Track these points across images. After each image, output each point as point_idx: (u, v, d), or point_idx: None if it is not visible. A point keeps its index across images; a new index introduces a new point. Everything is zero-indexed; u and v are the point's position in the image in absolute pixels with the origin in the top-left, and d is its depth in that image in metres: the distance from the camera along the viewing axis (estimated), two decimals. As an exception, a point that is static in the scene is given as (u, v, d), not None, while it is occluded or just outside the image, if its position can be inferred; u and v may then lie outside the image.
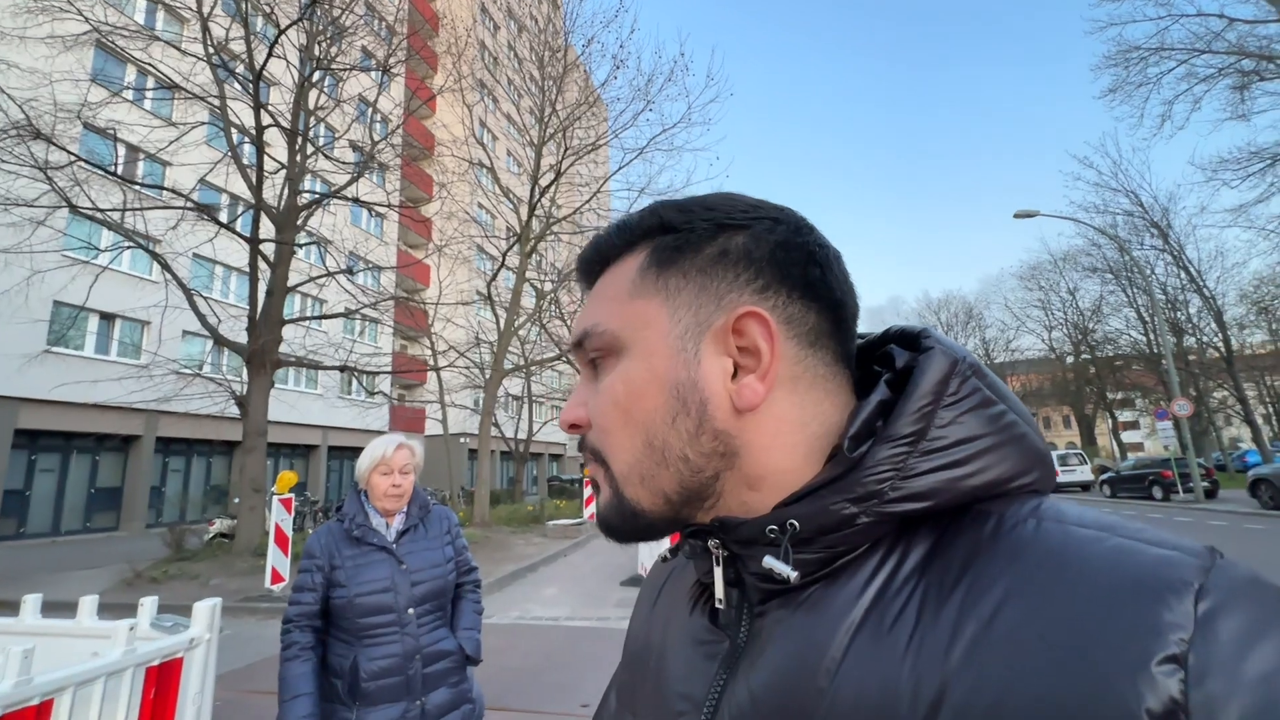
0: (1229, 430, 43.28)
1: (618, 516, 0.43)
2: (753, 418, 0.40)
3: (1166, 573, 0.29)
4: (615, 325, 0.43)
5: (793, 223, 0.43)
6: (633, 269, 0.44)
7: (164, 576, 8.38)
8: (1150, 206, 25.97)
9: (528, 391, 22.69)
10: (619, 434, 0.42)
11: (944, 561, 0.35)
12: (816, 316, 0.41)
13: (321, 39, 11.16)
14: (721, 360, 0.40)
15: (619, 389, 0.42)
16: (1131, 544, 0.31)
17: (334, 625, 1.83)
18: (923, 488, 0.36)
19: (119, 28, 10.25)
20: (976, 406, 0.38)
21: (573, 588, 8.19)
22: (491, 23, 34.17)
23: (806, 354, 0.41)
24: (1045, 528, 0.33)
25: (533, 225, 15.60)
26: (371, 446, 1.93)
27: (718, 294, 0.41)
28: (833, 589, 0.37)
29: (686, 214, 0.44)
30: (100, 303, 15.12)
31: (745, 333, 0.40)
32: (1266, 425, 31.84)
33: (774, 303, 0.41)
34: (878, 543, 0.37)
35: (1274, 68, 16.38)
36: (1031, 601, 0.30)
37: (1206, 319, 26.69)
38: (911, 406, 0.37)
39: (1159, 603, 0.28)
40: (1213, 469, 19.83)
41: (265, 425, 10.30)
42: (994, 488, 0.37)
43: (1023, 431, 0.39)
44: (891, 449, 0.36)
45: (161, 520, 17.40)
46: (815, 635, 0.36)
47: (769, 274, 0.41)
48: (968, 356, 0.40)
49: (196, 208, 10.10)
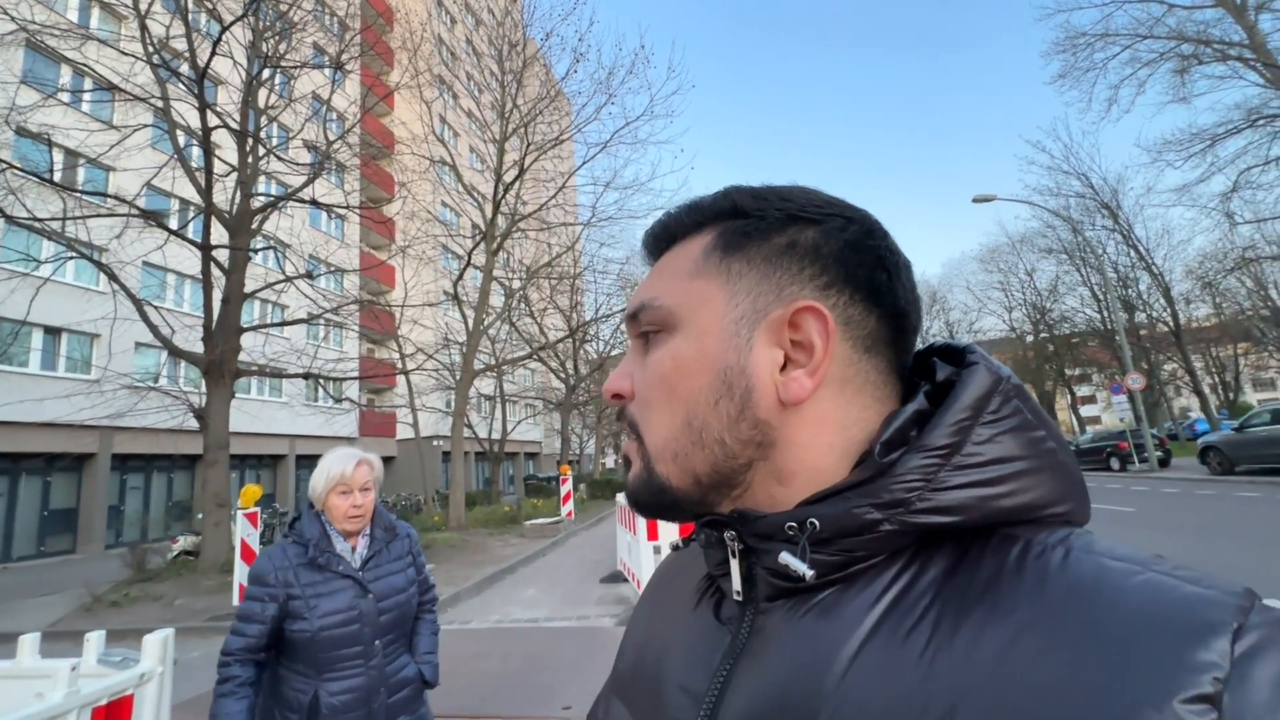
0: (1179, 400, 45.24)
1: (645, 491, 0.43)
2: (795, 412, 0.40)
3: (1203, 610, 0.28)
4: (672, 301, 0.43)
5: (866, 225, 0.43)
6: (698, 249, 0.44)
7: (125, 599, 8.06)
8: (1100, 188, 26.93)
9: (500, 391, 22.45)
10: (660, 408, 0.42)
11: (966, 579, 0.34)
12: (877, 322, 0.41)
13: (269, 35, 10.77)
14: (773, 351, 0.40)
15: (667, 364, 0.43)
16: (1166, 580, 0.30)
17: (290, 658, 1.70)
18: (951, 502, 0.35)
19: (49, 26, 9.73)
20: (1017, 428, 0.37)
21: (552, 588, 8.15)
22: (448, 16, 33.48)
23: (861, 358, 0.41)
24: (1075, 557, 0.32)
25: (498, 222, 15.38)
26: (326, 464, 1.76)
27: (779, 284, 0.41)
28: (848, 594, 0.36)
29: (760, 201, 0.43)
30: (44, 316, 14.43)
31: (801, 327, 0.40)
32: (1213, 395, 33.36)
33: (835, 301, 0.40)
34: (898, 554, 0.37)
35: (1210, 51, 17.08)
36: (1057, 629, 0.30)
37: (1155, 295, 27.86)
38: (949, 419, 0.37)
39: (1194, 640, 0.27)
40: (1165, 439, 20.73)
41: (227, 437, 9.98)
42: (1026, 512, 0.36)
43: (1062, 460, 0.38)
44: (924, 459, 0.36)
45: (121, 540, 16.72)
46: (825, 639, 0.35)
47: (834, 272, 0.41)
48: (1011, 377, 0.39)
49: (143, 214, 9.69)
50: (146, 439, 16.66)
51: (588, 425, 33.60)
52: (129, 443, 16.66)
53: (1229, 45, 16.68)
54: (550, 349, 20.81)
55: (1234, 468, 13.68)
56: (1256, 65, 16.14)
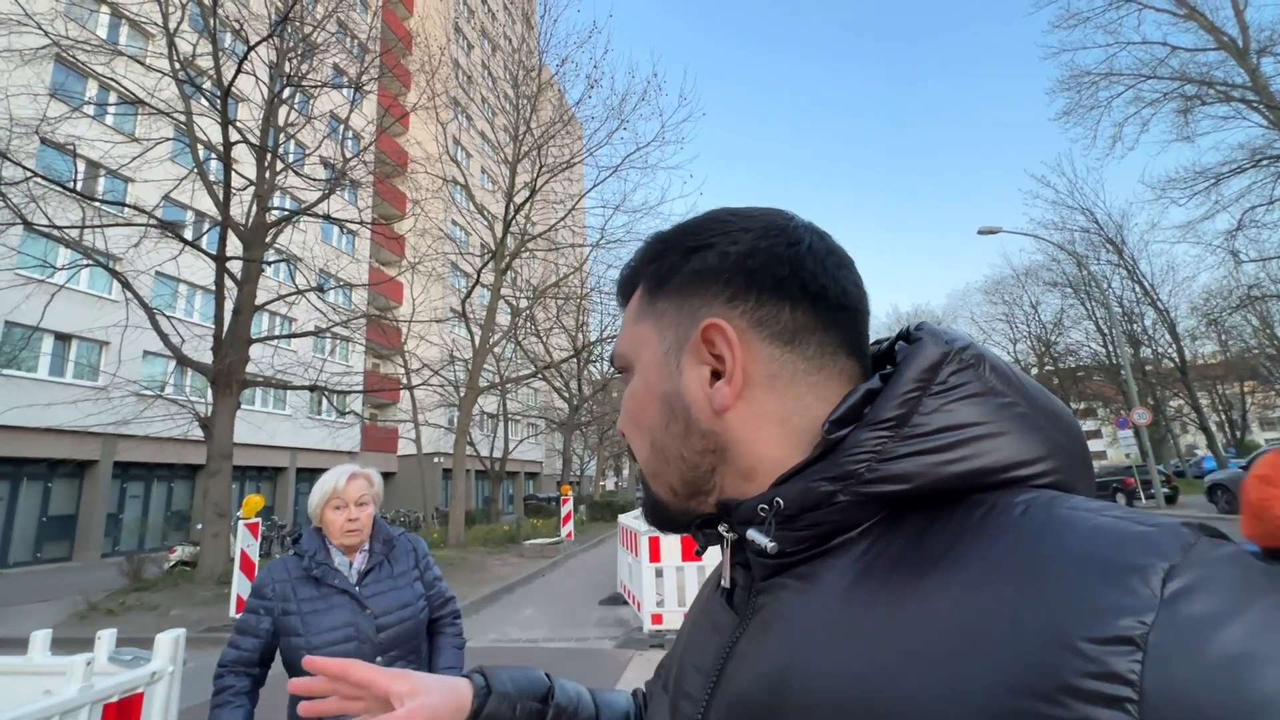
0: (1185, 438, 44.86)
1: (649, 508, 0.50)
2: (733, 416, 0.43)
3: (1135, 553, 0.28)
4: (625, 347, 0.50)
5: (760, 229, 0.45)
6: (636, 298, 0.50)
7: (121, 608, 8.00)
8: (1105, 223, 27.09)
9: (503, 409, 22.43)
10: (635, 438, 0.49)
11: (929, 543, 0.35)
12: (790, 314, 0.43)
13: (292, 56, 11.05)
14: (700, 369, 0.44)
15: (629, 400, 0.49)
16: (1113, 522, 0.30)
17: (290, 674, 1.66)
18: (900, 470, 0.37)
19: (80, 42, 10.01)
20: (972, 395, 0.38)
21: (550, 608, 8.06)
22: (465, 42, 34.29)
23: (783, 352, 0.43)
24: (1032, 512, 0.33)
25: (508, 242, 15.56)
26: (322, 480, 1.76)
27: (692, 310, 0.45)
28: (824, 565, 0.39)
29: (665, 243, 0.49)
30: (56, 323, 14.57)
31: (713, 342, 0.43)
32: (1220, 432, 33.09)
33: (742, 309, 0.44)
34: (874, 525, 0.39)
35: (1213, 93, 17.32)
36: (998, 581, 0.31)
37: (1161, 331, 27.80)
38: (894, 393, 0.39)
39: (1117, 582, 0.27)
40: (1172, 476, 20.48)
41: (230, 447, 9.99)
42: (985, 475, 0.37)
43: (1035, 423, 0.39)
44: (872, 433, 0.38)
45: (119, 549, 16.62)
46: (805, 606, 0.39)
47: (736, 284, 0.44)
48: (970, 347, 0.40)
49: (160, 225, 9.85)
50: (149, 447, 16.67)
51: (589, 446, 33.48)
52: (131, 451, 16.67)
53: (1232, 87, 16.94)
54: (555, 368, 20.85)
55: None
56: (1259, 107, 16.36)
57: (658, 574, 6.25)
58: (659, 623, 6.12)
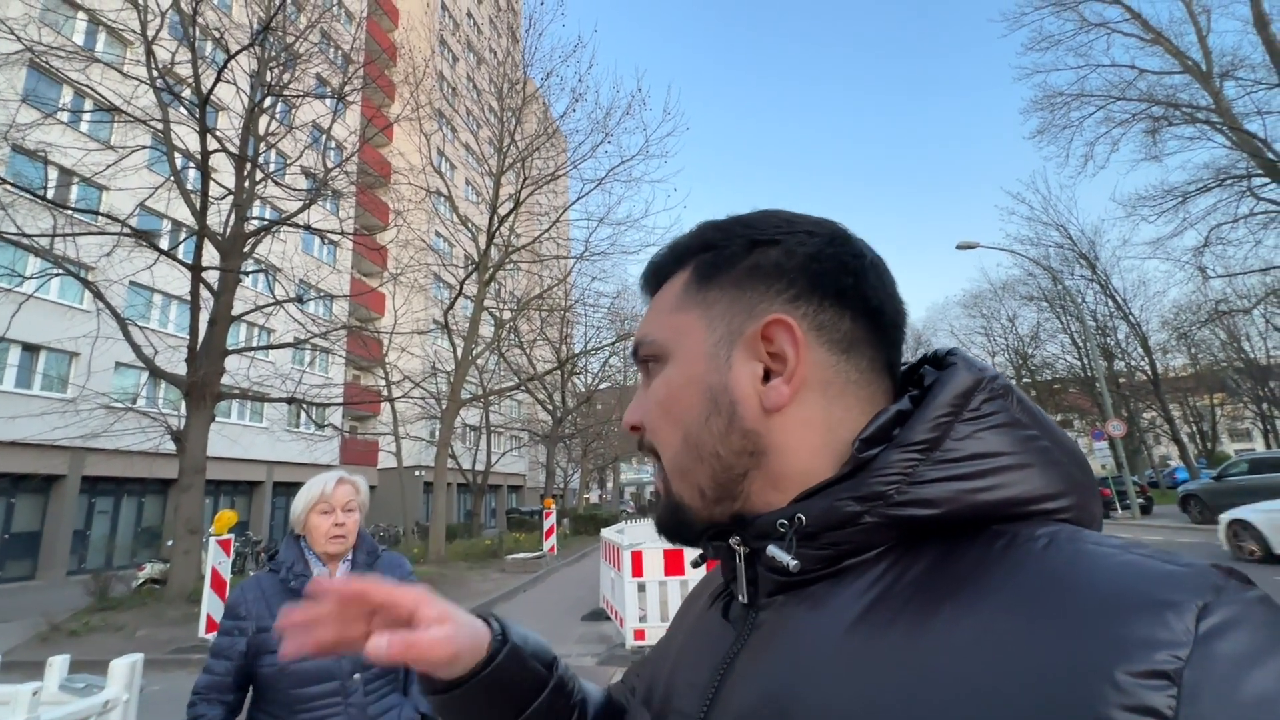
0: (1159, 449, 45.79)
1: (666, 513, 0.47)
2: (780, 418, 0.42)
3: (1168, 589, 0.28)
4: (661, 336, 0.48)
5: (826, 234, 0.45)
6: (679, 285, 0.48)
7: (84, 629, 7.72)
8: (1078, 239, 27.72)
9: (486, 422, 22.22)
10: (663, 431, 0.46)
11: (949, 572, 0.35)
12: (850, 323, 0.43)
13: (274, 65, 10.96)
14: (752, 365, 0.43)
15: (662, 391, 0.47)
16: (1141, 560, 0.30)
17: (261, 698, 1.56)
18: (930, 495, 0.36)
19: (54, 48, 9.84)
20: (1001, 425, 0.38)
21: (532, 624, 7.75)
22: (450, 54, 34.38)
23: (839, 360, 0.42)
24: (1056, 545, 0.33)
25: (491, 254, 15.50)
26: (308, 485, 1.70)
27: (750, 304, 0.44)
28: (838, 587, 0.38)
29: (724, 232, 0.47)
30: (23, 333, 14.17)
31: (774, 339, 0.42)
32: (1192, 444, 33.82)
33: (804, 310, 0.43)
34: (889, 550, 0.38)
35: (1180, 114, 17.89)
36: (1024, 613, 0.30)
37: (1134, 344, 28.44)
38: (927, 416, 0.38)
39: (1152, 617, 0.27)
40: (1146, 487, 20.87)
41: (204, 461, 9.75)
42: (1012, 506, 0.37)
43: (1056, 458, 0.39)
44: (903, 454, 0.37)
45: (85, 566, 16.08)
46: (814, 629, 0.37)
47: (800, 284, 0.43)
48: (999, 378, 0.41)
49: (134, 234, 9.65)
50: (119, 461, 16.22)
51: (573, 459, 33.23)
52: (100, 465, 16.20)
53: (1197, 109, 17.51)
54: (538, 381, 20.73)
55: (1215, 516, 13.77)
56: (1223, 128, 16.92)
57: (640, 589, 6.19)
58: (641, 639, 6.04)
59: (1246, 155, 16.38)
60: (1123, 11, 18.81)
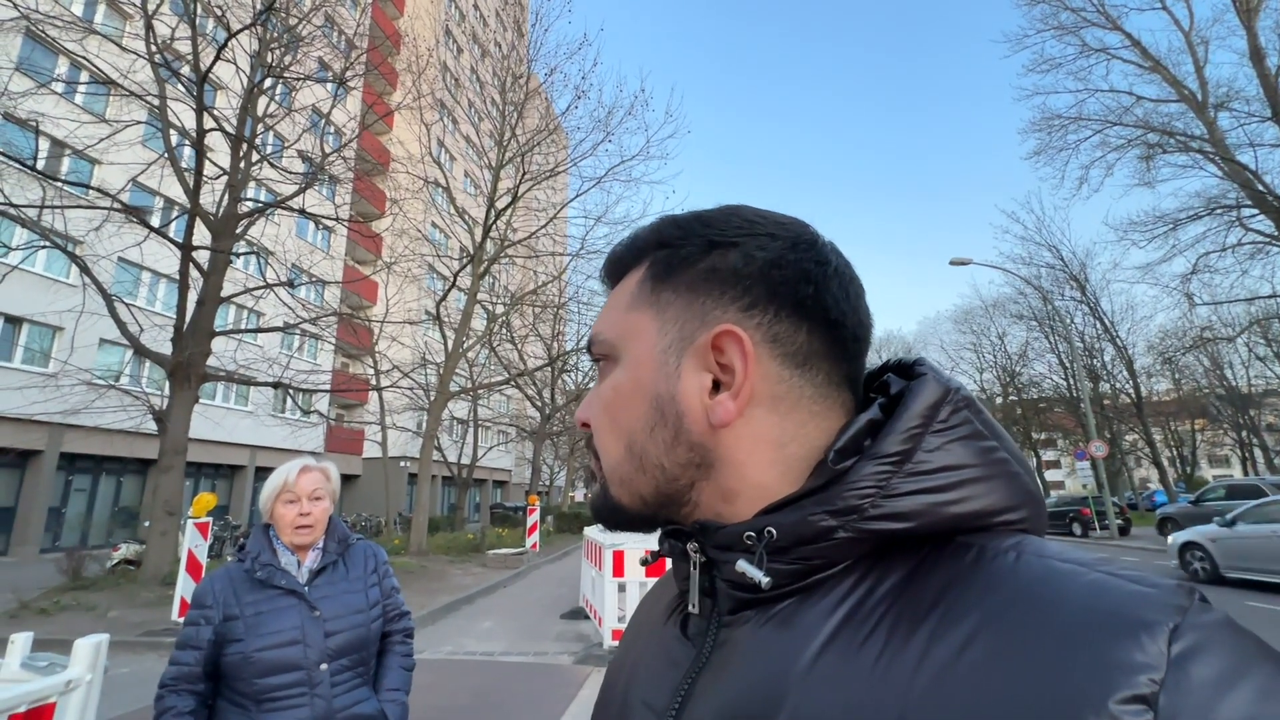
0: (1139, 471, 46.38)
1: (604, 508, 0.45)
2: (728, 433, 0.40)
3: (1141, 610, 0.28)
4: (612, 335, 0.45)
5: (789, 239, 0.42)
6: (634, 282, 0.45)
7: (55, 607, 7.59)
8: (1070, 261, 28.06)
9: (474, 415, 22.13)
10: (606, 436, 0.44)
11: (920, 587, 0.34)
12: (807, 336, 0.40)
13: (275, 46, 10.86)
14: (701, 375, 0.41)
15: (609, 394, 0.44)
16: (1109, 579, 0.30)
17: (227, 686, 1.54)
18: (904, 508, 0.36)
19: (52, 17, 9.70)
20: (967, 437, 0.38)
21: (511, 621, 7.90)
22: (455, 45, 34.22)
23: (793, 374, 0.40)
24: (1026, 560, 0.33)
25: (487, 247, 15.44)
26: (274, 473, 1.65)
27: (703, 311, 0.42)
28: (806, 604, 0.37)
29: (682, 230, 0.44)
30: (7, 305, 13.98)
31: (725, 350, 0.40)
32: (1172, 467, 34.29)
33: (759, 321, 0.40)
34: (856, 564, 0.37)
35: (1174, 142, 18.14)
36: (1003, 634, 0.30)
37: (1119, 367, 28.83)
38: (900, 427, 0.37)
39: (1130, 640, 0.27)
40: (1126, 508, 21.13)
41: (185, 443, 9.63)
42: (978, 518, 0.36)
43: (1014, 470, 0.39)
44: (876, 466, 0.36)
45: (59, 544, 15.83)
46: (783, 649, 0.35)
47: (757, 292, 0.41)
48: (962, 389, 0.40)
49: (125, 209, 9.50)
50: (99, 439, 16.00)
51: (560, 456, 33.18)
52: (79, 442, 15.97)
53: (1191, 138, 17.76)
54: (528, 376, 20.67)
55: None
56: (1215, 159, 17.16)
57: (620, 589, 6.18)
58: (620, 639, 6.03)
59: (1237, 186, 16.63)
60: (1123, 38, 19.06)
